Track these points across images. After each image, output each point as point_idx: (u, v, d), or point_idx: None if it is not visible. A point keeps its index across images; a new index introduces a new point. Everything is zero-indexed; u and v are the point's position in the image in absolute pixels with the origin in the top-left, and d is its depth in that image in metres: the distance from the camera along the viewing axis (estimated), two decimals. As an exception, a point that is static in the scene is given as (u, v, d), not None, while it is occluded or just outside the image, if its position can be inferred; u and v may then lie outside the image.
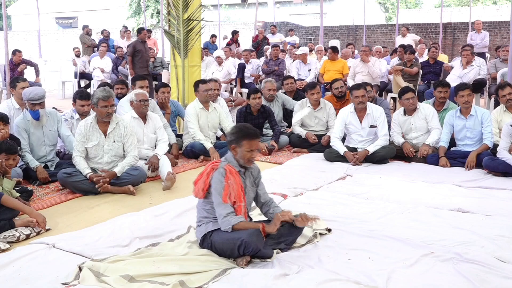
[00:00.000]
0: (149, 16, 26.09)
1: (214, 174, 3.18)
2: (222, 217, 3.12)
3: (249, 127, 3.29)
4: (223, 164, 3.23)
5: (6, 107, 5.74)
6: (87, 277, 2.90)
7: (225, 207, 3.12)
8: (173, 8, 7.46)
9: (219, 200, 3.14)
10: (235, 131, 3.27)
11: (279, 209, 3.40)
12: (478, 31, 13.37)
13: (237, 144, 3.20)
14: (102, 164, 4.88)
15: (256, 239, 3.04)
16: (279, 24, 19.96)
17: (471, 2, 21.91)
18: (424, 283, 2.89)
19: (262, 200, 3.42)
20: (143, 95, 5.42)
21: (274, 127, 6.75)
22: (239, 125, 3.41)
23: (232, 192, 3.15)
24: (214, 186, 3.16)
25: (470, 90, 5.71)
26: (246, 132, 3.22)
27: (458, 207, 4.20)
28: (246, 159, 3.23)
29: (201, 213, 3.32)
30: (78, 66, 12.75)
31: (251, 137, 3.20)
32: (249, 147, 3.20)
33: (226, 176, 3.16)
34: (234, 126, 3.43)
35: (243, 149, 3.19)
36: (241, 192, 3.20)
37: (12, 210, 3.77)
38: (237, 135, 3.22)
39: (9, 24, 31.19)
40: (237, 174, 3.21)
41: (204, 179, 3.20)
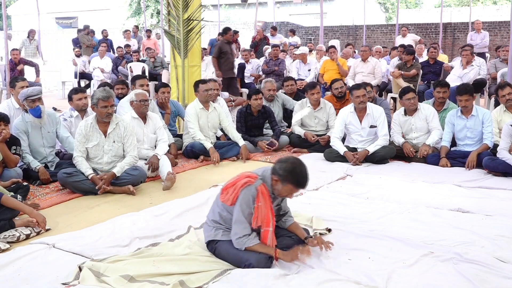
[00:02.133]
0: (149, 16, 26.09)
1: (246, 189, 3.02)
2: (237, 237, 3.02)
3: (304, 175, 3.03)
4: (258, 183, 3.05)
5: (6, 106, 5.75)
6: (87, 277, 2.90)
7: (244, 228, 3.01)
8: (173, 8, 7.46)
9: (240, 218, 3.02)
10: (289, 170, 3.01)
11: (291, 220, 3.36)
12: (478, 31, 13.38)
13: (282, 182, 3.02)
14: (102, 164, 4.88)
15: (263, 265, 2.97)
16: (279, 24, 19.96)
17: (471, 2, 21.93)
18: (424, 283, 2.89)
19: (281, 213, 3.35)
20: (143, 95, 5.41)
21: (274, 127, 6.75)
22: (295, 166, 3.04)
23: (260, 215, 3.02)
24: (240, 202, 3.02)
25: (468, 95, 5.64)
26: (297, 181, 3.02)
27: (458, 207, 4.20)
28: (281, 196, 3.16)
29: (215, 215, 3.21)
30: (78, 66, 12.75)
31: (299, 186, 3.05)
32: (291, 191, 3.09)
33: (257, 198, 3.01)
34: (291, 161, 3.08)
35: (284, 189, 3.05)
36: (271, 216, 3.06)
37: (12, 210, 3.77)
38: (288, 176, 3.00)
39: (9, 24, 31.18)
40: (268, 196, 3.06)
41: (235, 191, 3.05)
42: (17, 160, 4.79)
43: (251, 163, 6.05)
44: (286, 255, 3.08)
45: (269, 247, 3.07)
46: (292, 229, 3.34)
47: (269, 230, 3.06)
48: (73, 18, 32.18)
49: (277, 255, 3.05)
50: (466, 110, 5.70)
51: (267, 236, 3.06)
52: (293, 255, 3.09)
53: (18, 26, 30.54)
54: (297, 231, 3.33)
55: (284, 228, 3.34)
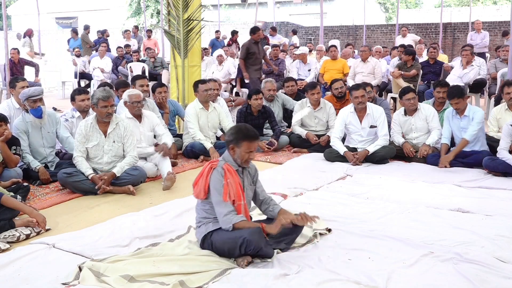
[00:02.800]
0: (149, 16, 26.10)
1: (212, 173, 3.18)
2: (223, 216, 3.12)
3: (249, 128, 3.28)
4: (221, 163, 3.22)
5: (6, 106, 5.75)
6: (87, 277, 2.90)
7: (226, 206, 3.12)
8: (173, 8, 7.46)
9: (219, 199, 3.13)
10: (234, 132, 3.26)
11: (278, 207, 3.40)
12: (478, 31, 13.38)
13: (236, 144, 3.20)
14: (102, 164, 4.88)
15: (257, 238, 3.04)
16: (279, 24, 19.97)
17: (471, 2, 21.93)
18: (424, 283, 2.89)
19: (260, 198, 3.43)
20: (136, 97, 5.34)
21: (274, 127, 6.75)
22: (239, 126, 3.38)
23: (231, 190, 3.15)
24: (213, 186, 3.16)
25: (457, 98, 5.57)
26: (245, 133, 3.22)
27: (458, 207, 4.20)
28: (244, 160, 3.24)
29: (200, 213, 3.31)
30: (78, 66, 12.75)
31: (250, 138, 3.20)
32: (248, 148, 3.21)
33: (225, 175, 3.16)
34: (233, 126, 3.41)
35: (242, 150, 3.20)
36: (240, 190, 3.20)
37: (12, 210, 3.77)
38: (236, 135, 3.22)
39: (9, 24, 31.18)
40: (235, 173, 3.21)
41: (204, 179, 3.20)
42: (17, 160, 4.79)
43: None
44: (271, 226, 3.18)
45: (254, 222, 3.24)
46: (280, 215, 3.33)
47: (241, 204, 3.19)
48: (73, 18, 32.17)
49: (264, 228, 3.14)
50: (459, 111, 5.68)
51: (240, 209, 3.18)
52: (277, 223, 3.18)
53: (18, 26, 30.54)
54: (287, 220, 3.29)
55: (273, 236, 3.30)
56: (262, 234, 3.11)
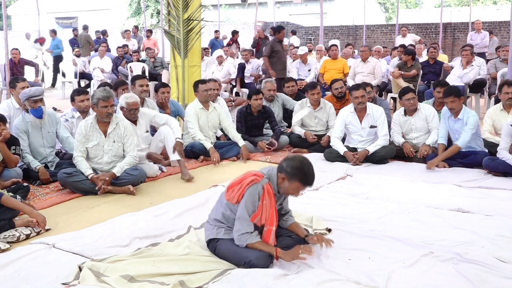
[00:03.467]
0: (149, 16, 26.12)
1: (252, 187, 3.03)
2: (239, 234, 3.03)
3: (311, 173, 3.05)
4: (264, 181, 3.07)
5: (6, 107, 5.74)
6: (87, 277, 2.90)
7: (247, 225, 3.02)
8: (173, 8, 7.46)
9: (244, 215, 3.02)
10: (296, 167, 3.03)
11: (292, 220, 3.36)
12: (478, 31, 13.38)
13: (289, 179, 3.04)
14: (102, 164, 4.88)
15: (263, 263, 2.98)
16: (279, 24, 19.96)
17: (471, 2, 21.94)
18: (424, 283, 2.89)
19: (282, 212, 3.35)
20: (134, 104, 5.23)
21: (274, 127, 6.75)
22: (303, 163, 3.06)
23: (264, 214, 3.05)
24: (245, 200, 3.03)
25: (453, 96, 5.52)
26: (304, 178, 3.03)
27: (458, 207, 4.20)
28: (287, 194, 3.17)
29: (217, 214, 3.21)
30: (78, 66, 12.76)
31: (306, 184, 3.05)
32: (298, 189, 3.09)
33: (263, 196, 3.03)
34: (298, 159, 3.10)
35: (291, 187, 3.06)
36: (275, 215, 3.09)
37: (12, 210, 3.77)
38: (295, 172, 3.02)
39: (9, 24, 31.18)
40: (273, 196, 3.08)
41: (240, 189, 3.05)
42: (17, 160, 4.79)
43: (251, 163, 6.05)
44: (287, 254, 3.08)
45: (269, 245, 3.08)
46: (292, 228, 3.34)
47: (272, 229, 3.08)
48: (73, 18, 32.17)
49: (277, 254, 3.05)
50: (454, 112, 5.64)
51: (269, 235, 3.08)
52: (294, 254, 3.08)
53: (18, 26, 30.55)
54: (298, 230, 3.33)
55: (284, 228, 3.34)
56: (269, 260, 3.03)
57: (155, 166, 5.42)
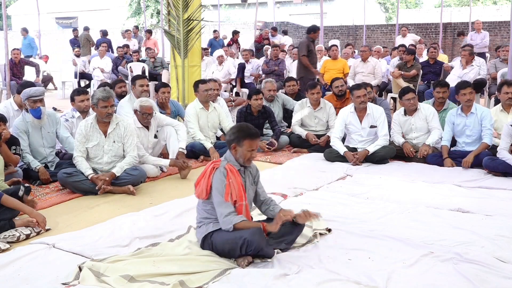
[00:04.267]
0: (149, 16, 26.10)
1: (215, 173, 3.17)
2: (224, 216, 3.11)
3: (250, 126, 3.28)
4: (224, 163, 3.22)
5: (4, 108, 5.73)
6: (87, 277, 2.90)
7: (226, 206, 3.12)
8: (173, 8, 7.46)
9: (220, 199, 3.13)
10: (236, 131, 3.25)
11: (278, 208, 3.40)
12: (478, 31, 13.37)
13: (238, 144, 3.20)
14: (102, 164, 4.88)
15: (258, 238, 3.04)
16: (279, 24, 19.96)
17: (471, 2, 21.91)
18: (424, 283, 2.89)
19: (261, 198, 3.43)
20: (148, 109, 5.25)
21: (274, 127, 6.75)
22: (240, 125, 3.38)
23: (233, 191, 3.14)
24: (215, 186, 3.15)
25: (471, 88, 5.68)
26: (247, 132, 3.22)
27: (458, 207, 4.20)
28: (246, 158, 3.24)
29: (201, 213, 3.31)
30: (78, 66, 12.75)
31: (252, 136, 3.20)
32: (250, 147, 3.20)
33: (227, 175, 3.15)
34: (234, 126, 3.39)
35: (244, 149, 3.19)
36: (242, 191, 3.20)
37: (12, 210, 3.77)
38: (238, 134, 3.21)
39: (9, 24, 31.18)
40: (237, 173, 3.21)
41: (206, 179, 3.19)
42: (17, 160, 4.79)
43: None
44: (272, 225, 3.18)
45: (254, 222, 3.24)
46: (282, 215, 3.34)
47: (243, 204, 3.19)
48: (73, 18, 32.18)
49: (264, 227, 3.14)
50: (467, 106, 5.68)
51: (241, 209, 3.18)
52: (277, 221, 3.17)
53: (18, 26, 30.54)
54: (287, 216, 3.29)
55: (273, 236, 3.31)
56: (263, 234, 3.11)
57: (155, 167, 5.41)
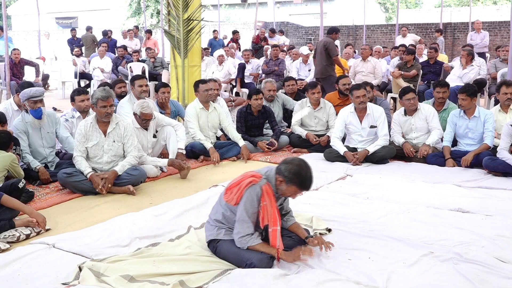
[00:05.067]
0: (149, 16, 26.09)
1: (250, 188, 3.03)
2: (240, 236, 3.03)
3: (309, 177, 3.04)
4: (263, 182, 3.05)
5: (3, 108, 5.73)
6: (87, 277, 2.90)
7: (247, 228, 3.03)
8: (173, 8, 7.46)
9: (243, 217, 3.02)
10: (294, 171, 3.00)
11: (293, 220, 3.36)
12: (478, 31, 13.37)
13: (286, 183, 3.02)
14: (102, 164, 4.88)
15: (265, 265, 2.98)
16: (279, 24, 19.97)
17: (471, 2, 21.90)
18: (424, 283, 2.89)
19: (283, 212, 3.34)
20: (148, 115, 5.28)
21: (274, 127, 6.75)
22: (301, 167, 3.03)
23: (266, 214, 3.03)
24: (244, 201, 3.03)
25: (466, 95, 5.62)
26: (302, 183, 3.03)
27: (458, 207, 4.20)
28: (284, 196, 3.17)
29: (218, 215, 3.20)
30: (78, 66, 12.75)
31: (303, 189, 3.06)
32: (295, 193, 3.10)
33: (262, 197, 3.02)
34: (297, 163, 3.06)
35: (288, 190, 3.06)
36: (277, 215, 3.06)
37: (12, 210, 3.77)
38: (293, 177, 3.00)
39: (9, 24, 31.18)
40: (273, 195, 3.07)
41: (239, 191, 3.05)
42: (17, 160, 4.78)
43: (251, 163, 6.05)
44: (288, 255, 3.08)
45: (270, 247, 3.07)
46: (293, 228, 3.33)
47: (277, 229, 3.05)
48: (73, 18, 32.19)
49: (279, 255, 3.05)
50: (466, 110, 5.69)
51: (275, 235, 3.04)
52: (295, 256, 3.09)
53: (18, 26, 30.56)
54: (298, 230, 3.33)
55: (284, 228, 3.34)
56: (271, 262, 3.03)
57: (155, 167, 5.41)
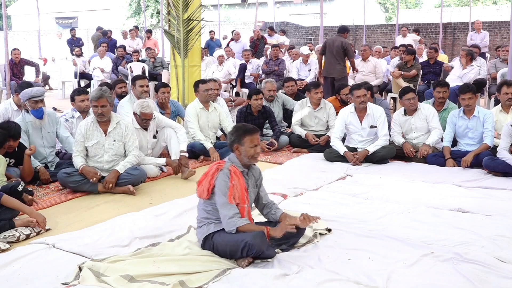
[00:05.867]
0: (149, 16, 26.09)
1: (218, 174, 3.15)
2: (228, 218, 3.09)
3: (246, 124, 3.32)
4: (228, 164, 3.20)
5: (3, 108, 5.72)
6: (87, 277, 2.90)
7: (231, 208, 3.10)
8: (173, 8, 7.46)
9: (224, 200, 3.11)
10: (234, 131, 3.26)
11: (280, 211, 3.39)
12: (478, 31, 13.37)
13: (239, 143, 3.19)
14: (103, 163, 4.88)
15: (260, 241, 3.03)
16: (279, 24, 19.97)
17: (471, 2, 21.90)
18: (424, 283, 2.89)
19: (263, 202, 3.41)
20: (148, 115, 5.26)
21: (274, 127, 6.75)
22: (237, 125, 3.40)
23: (236, 193, 3.13)
24: (218, 187, 3.13)
25: (472, 93, 5.65)
26: (245, 129, 3.23)
27: (458, 207, 4.20)
28: (251, 156, 3.22)
29: (202, 214, 3.30)
30: (78, 66, 12.75)
31: (251, 132, 3.21)
32: (252, 143, 3.20)
33: (231, 177, 3.13)
34: (232, 127, 3.38)
35: (246, 146, 3.19)
36: (245, 193, 3.18)
37: (12, 210, 3.77)
38: (237, 133, 3.22)
39: (9, 24, 31.19)
40: (241, 175, 3.19)
41: (208, 180, 3.18)
42: (32, 173, 4.86)
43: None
44: (276, 230, 3.16)
45: (258, 225, 3.19)
46: (282, 219, 3.34)
47: (245, 207, 3.17)
48: (73, 18, 32.20)
49: (268, 231, 3.13)
50: (468, 109, 5.68)
51: (243, 212, 3.16)
52: (282, 227, 3.15)
53: (18, 26, 30.56)
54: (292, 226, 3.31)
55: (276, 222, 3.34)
56: (265, 238, 3.09)
57: (155, 167, 5.41)
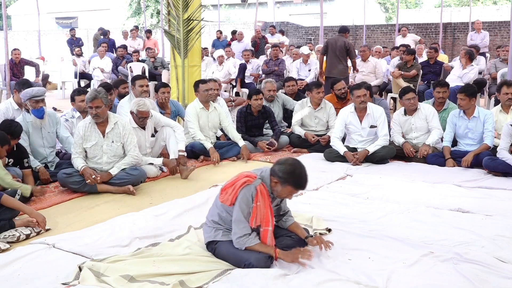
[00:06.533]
0: (149, 16, 26.08)
1: (245, 188, 3.02)
2: (237, 237, 3.03)
3: (303, 177, 3.02)
4: (257, 182, 3.04)
5: (4, 108, 5.72)
6: (87, 277, 2.90)
7: (243, 228, 3.02)
8: (173, 8, 7.46)
9: (239, 217, 3.01)
10: (288, 171, 2.99)
11: (291, 220, 3.35)
12: (478, 31, 13.37)
13: (281, 183, 3.01)
14: (102, 164, 4.87)
15: (264, 265, 2.98)
16: (279, 24, 19.96)
17: (471, 2, 21.91)
18: (424, 283, 2.89)
19: (280, 213, 3.34)
20: (145, 113, 5.24)
21: (274, 127, 6.74)
22: (295, 167, 3.03)
23: (259, 215, 3.02)
24: (239, 202, 3.02)
25: (464, 95, 5.63)
26: (297, 182, 3.02)
27: (458, 207, 4.20)
28: (280, 197, 3.15)
29: (214, 216, 3.21)
30: (78, 66, 12.76)
31: (298, 188, 3.05)
32: (290, 193, 3.08)
33: (256, 197, 3.01)
34: (290, 163, 3.05)
35: (284, 191, 3.04)
36: (270, 215, 3.05)
37: (12, 210, 3.77)
38: (287, 178, 2.99)
39: (9, 24, 31.19)
40: (267, 195, 3.05)
41: (234, 191, 3.04)
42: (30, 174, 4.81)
43: (251, 163, 6.05)
44: (286, 255, 3.08)
45: (269, 246, 3.07)
46: (292, 228, 3.33)
47: (269, 230, 3.05)
48: (73, 18, 32.20)
49: (277, 254, 3.05)
50: (465, 110, 5.69)
51: (266, 236, 3.06)
52: (294, 257, 3.08)
53: (18, 26, 30.57)
54: (298, 230, 3.32)
55: (284, 228, 3.34)
56: (269, 261, 3.02)
57: (155, 167, 5.41)
